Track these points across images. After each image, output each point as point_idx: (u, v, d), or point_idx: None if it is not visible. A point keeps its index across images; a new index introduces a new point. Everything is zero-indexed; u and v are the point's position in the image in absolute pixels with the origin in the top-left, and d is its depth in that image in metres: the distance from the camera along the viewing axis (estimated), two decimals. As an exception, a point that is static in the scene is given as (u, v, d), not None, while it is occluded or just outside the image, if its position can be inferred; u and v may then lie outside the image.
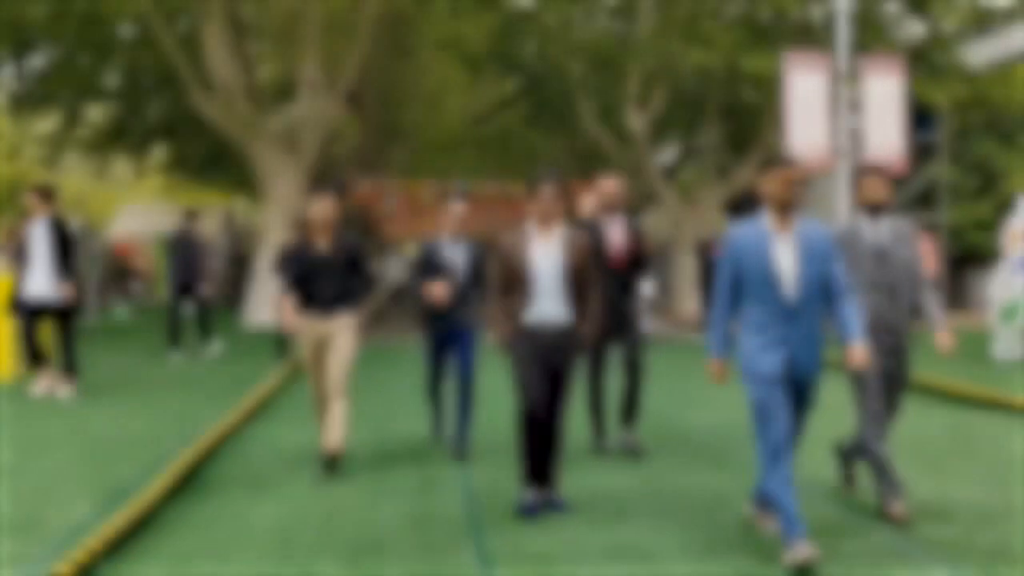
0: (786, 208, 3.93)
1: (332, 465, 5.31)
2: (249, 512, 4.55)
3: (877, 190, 4.56)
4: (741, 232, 4.04)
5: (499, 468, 5.43)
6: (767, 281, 3.89)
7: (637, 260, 5.86)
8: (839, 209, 13.51)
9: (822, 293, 3.97)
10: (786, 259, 3.90)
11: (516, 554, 3.98)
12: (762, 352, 3.93)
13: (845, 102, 13.73)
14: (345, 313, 5.45)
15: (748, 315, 4.02)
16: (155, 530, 4.23)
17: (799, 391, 4.01)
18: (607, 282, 5.58)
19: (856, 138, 13.65)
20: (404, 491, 5.03)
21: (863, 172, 4.69)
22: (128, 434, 6.32)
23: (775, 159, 4.03)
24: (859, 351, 4.03)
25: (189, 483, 5.06)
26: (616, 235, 5.78)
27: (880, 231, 4.54)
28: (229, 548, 3.98)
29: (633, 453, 5.79)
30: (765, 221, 3.98)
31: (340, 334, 5.40)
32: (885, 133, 13.53)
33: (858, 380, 4.49)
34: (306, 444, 5.97)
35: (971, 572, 3.72)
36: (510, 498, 4.73)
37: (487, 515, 4.56)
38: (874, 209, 4.56)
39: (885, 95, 13.54)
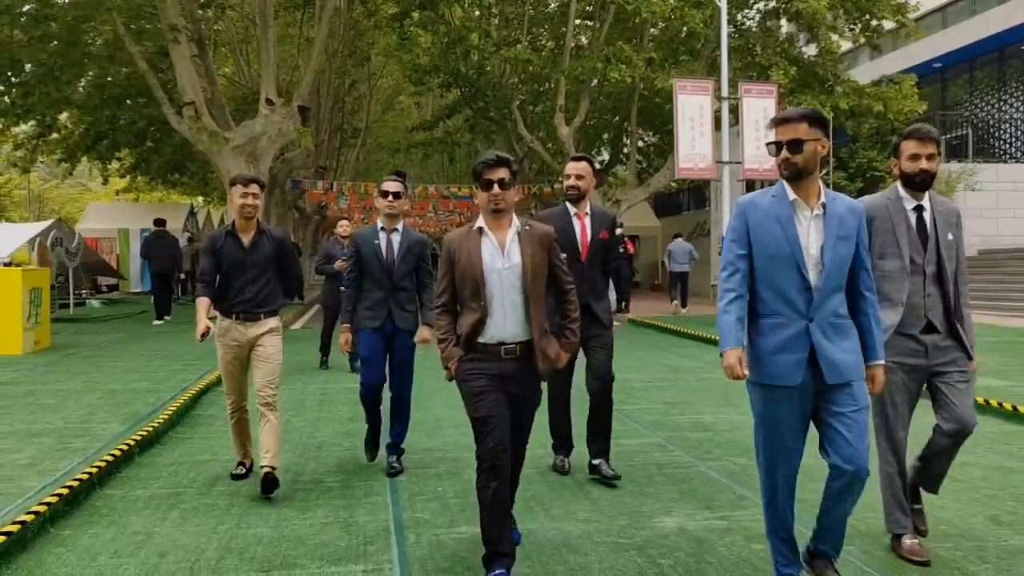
0: (800, 173, 3.17)
1: (270, 486, 4.72)
2: (227, 434, 6.61)
3: (922, 159, 3.71)
4: (756, 200, 3.28)
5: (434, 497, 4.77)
6: (788, 262, 3.15)
7: (608, 253, 5.17)
8: (723, 210, 15.90)
9: (845, 281, 3.22)
10: (813, 236, 3.16)
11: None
12: (776, 353, 3.18)
13: (727, 119, 16.13)
14: (270, 318, 5.02)
15: (756, 305, 3.27)
16: (165, 440, 6.36)
17: (828, 401, 3.19)
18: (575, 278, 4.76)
19: (735, 150, 16.05)
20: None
21: (907, 135, 3.80)
22: (132, 388, 8.34)
23: (776, 117, 3.27)
24: (881, 373, 3.32)
25: (183, 417, 7.16)
26: (583, 224, 5.08)
27: (924, 208, 3.79)
28: (217, 451, 6.07)
29: (610, 478, 5.04)
30: (785, 189, 3.22)
31: (266, 342, 4.95)
32: (760, 147, 15.96)
33: (881, 399, 3.74)
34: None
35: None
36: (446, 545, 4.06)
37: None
38: (917, 181, 3.74)
39: (760, 114, 15.94)
